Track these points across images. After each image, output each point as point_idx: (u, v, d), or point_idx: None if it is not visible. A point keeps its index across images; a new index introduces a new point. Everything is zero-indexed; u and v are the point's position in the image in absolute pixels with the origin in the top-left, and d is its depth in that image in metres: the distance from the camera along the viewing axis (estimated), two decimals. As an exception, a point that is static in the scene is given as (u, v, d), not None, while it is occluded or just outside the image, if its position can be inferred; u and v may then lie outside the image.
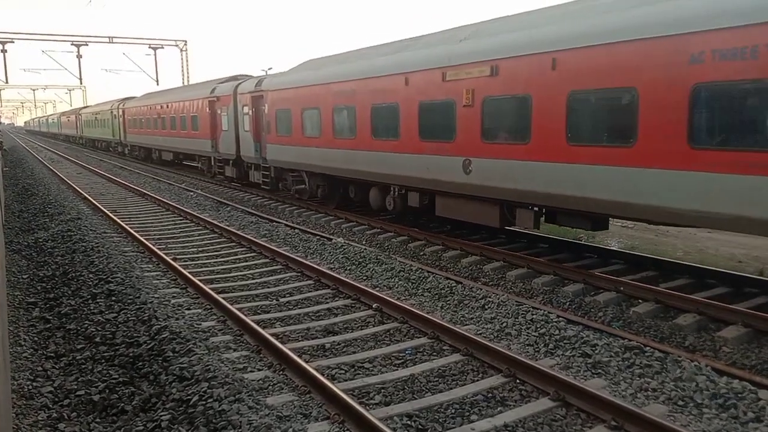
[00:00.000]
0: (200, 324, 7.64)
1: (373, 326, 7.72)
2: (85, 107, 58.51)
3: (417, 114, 12.04)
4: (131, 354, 6.66)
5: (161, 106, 30.36)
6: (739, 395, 5.59)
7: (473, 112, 10.61)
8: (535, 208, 10.41)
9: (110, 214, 15.75)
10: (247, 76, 23.28)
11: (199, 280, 9.37)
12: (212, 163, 24.59)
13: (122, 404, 5.62)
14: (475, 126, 10.62)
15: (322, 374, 5.88)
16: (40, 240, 13.00)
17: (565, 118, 9.06)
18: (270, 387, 5.91)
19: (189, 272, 9.89)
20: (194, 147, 26.00)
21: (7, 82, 44.56)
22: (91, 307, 8.35)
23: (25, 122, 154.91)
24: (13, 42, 40.97)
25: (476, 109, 10.55)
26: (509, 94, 10.00)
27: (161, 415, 5.29)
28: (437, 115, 11.58)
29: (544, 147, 9.46)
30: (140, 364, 6.43)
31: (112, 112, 41.62)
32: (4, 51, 40.33)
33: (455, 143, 11.13)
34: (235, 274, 10.38)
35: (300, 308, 8.49)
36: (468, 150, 10.85)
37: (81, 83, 53.82)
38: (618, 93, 8.38)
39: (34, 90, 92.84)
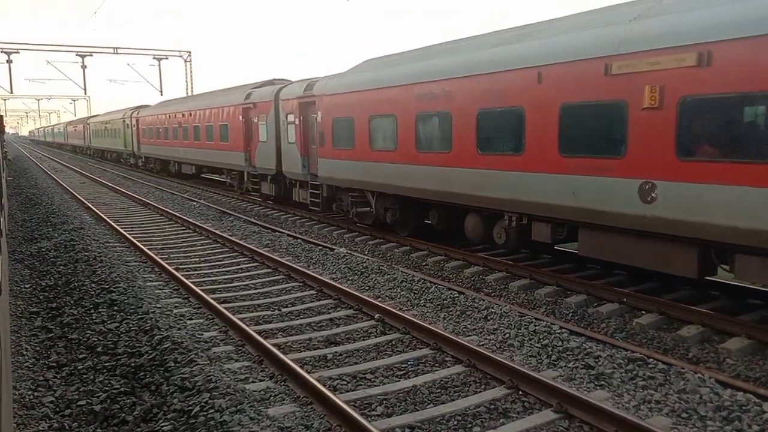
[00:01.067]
0: (202, 334, 7.63)
1: (375, 337, 7.70)
2: (93, 116, 55.49)
3: (557, 120, 9.22)
4: (133, 364, 6.66)
5: (182, 115, 27.54)
6: (744, 408, 5.55)
7: (661, 118, 7.85)
8: None
9: (113, 224, 15.78)
10: (284, 80, 20.58)
11: (201, 290, 9.36)
12: (245, 179, 21.61)
13: (123, 414, 5.61)
14: (664, 137, 7.83)
15: (324, 385, 5.86)
16: (43, 249, 13.03)
17: None
18: (271, 398, 5.89)
19: (191, 282, 9.90)
20: (223, 160, 23.11)
21: (12, 92, 44.77)
22: (93, 317, 8.36)
23: (29, 132, 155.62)
24: (19, 52, 41.24)
25: (667, 113, 7.79)
26: (730, 92, 7.10)
27: (162, 426, 5.27)
28: (593, 121, 8.80)
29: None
30: (142, 374, 6.42)
31: (124, 121, 39.33)
32: (9, 61, 40.59)
33: (626, 160, 8.31)
34: (237, 284, 10.38)
35: (302, 318, 8.48)
36: (650, 170, 8.02)
37: (85, 93, 54.04)
38: None
39: (38, 100, 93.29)
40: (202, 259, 12.37)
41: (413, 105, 12.23)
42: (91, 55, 43.58)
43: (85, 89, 46.47)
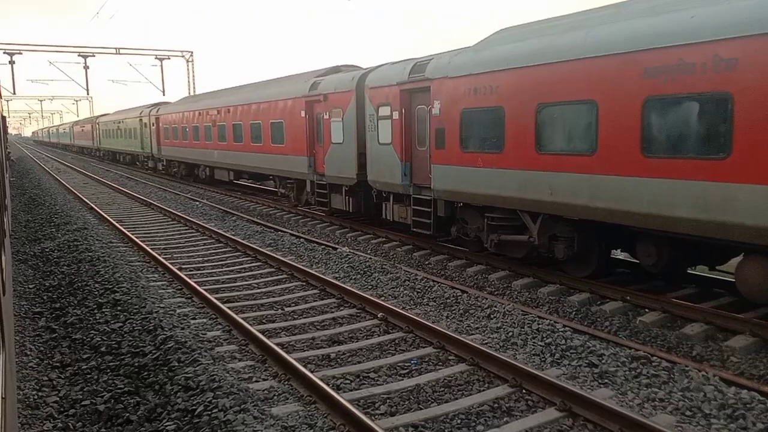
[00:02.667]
0: (205, 334, 7.65)
1: (378, 336, 7.70)
2: (103, 115, 50.69)
3: None
4: (136, 364, 6.67)
5: (217, 112, 23.45)
6: (748, 405, 5.54)
7: None
8: None
9: (116, 224, 15.81)
10: (353, 66, 17.09)
11: (205, 290, 9.38)
12: (308, 189, 17.41)
13: (127, 414, 5.62)
14: None
15: (328, 384, 5.86)
16: (47, 250, 13.06)
17: None
18: (275, 397, 5.90)
19: (194, 282, 9.91)
20: (275, 165, 19.15)
21: (14, 93, 44.85)
22: (97, 317, 8.37)
23: (33, 132, 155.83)
24: (21, 53, 41.30)
25: None
26: None
27: (166, 425, 5.28)
28: None
29: None
30: (145, 373, 6.43)
31: (141, 120, 35.21)
32: (12, 62, 40.65)
33: None
34: (241, 283, 10.39)
35: (305, 318, 8.49)
36: None
37: (88, 94, 54.10)
38: None
39: (41, 101, 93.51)
40: (205, 258, 12.38)
41: (637, 85, 8.03)
42: (94, 56, 43.60)
43: (87, 90, 46.48)
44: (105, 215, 17.47)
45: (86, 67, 43.41)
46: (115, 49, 44.48)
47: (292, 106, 17.55)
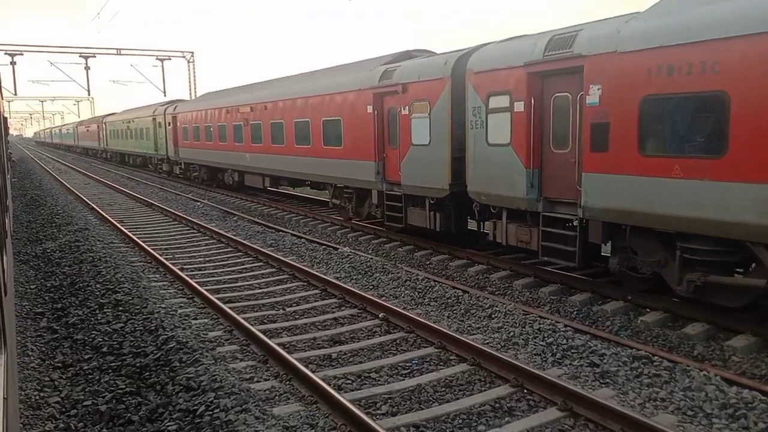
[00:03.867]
0: (207, 334, 7.65)
1: (380, 336, 7.70)
2: (110, 114, 48.24)
3: None
4: (138, 364, 6.67)
5: (251, 109, 20.41)
6: (749, 405, 5.54)
7: None
8: None
9: (117, 225, 15.82)
10: (427, 51, 14.60)
11: (206, 290, 9.38)
12: (374, 201, 14.39)
13: (129, 414, 5.62)
14: None
15: (329, 384, 5.87)
16: (48, 250, 13.07)
17: None
18: (277, 397, 5.90)
19: (196, 282, 9.91)
20: (330, 171, 15.92)
21: (15, 94, 44.90)
22: (99, 317, 8.38)
23: (34, 133, 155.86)
24: (22, 54, 41.35)
25: None
26: None
27: (168, 426, 5.29)
28: None
29: None
30: (147, 374, 6.43)
31: (154, 119, 32.61)
32: (13, 63, 40.70)
33: None
34: (242, 283, 10.40)
35: (306, 318, 8.49)
36: None
37: (89, 94, 54.14)
38: None
39: (42, 101, 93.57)
40: (206, 259, 12.39)
41: None
42: (95, 56, 43.70)
43: (88, 90, 46.55)
44: (106, 216, 17.48)
45: (87, 68, 43.51)
46: (116, 49, 44.54)
47: (354, 100, 14.42)
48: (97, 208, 19.18)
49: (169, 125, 30.02)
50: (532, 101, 9.70)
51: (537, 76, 9.68)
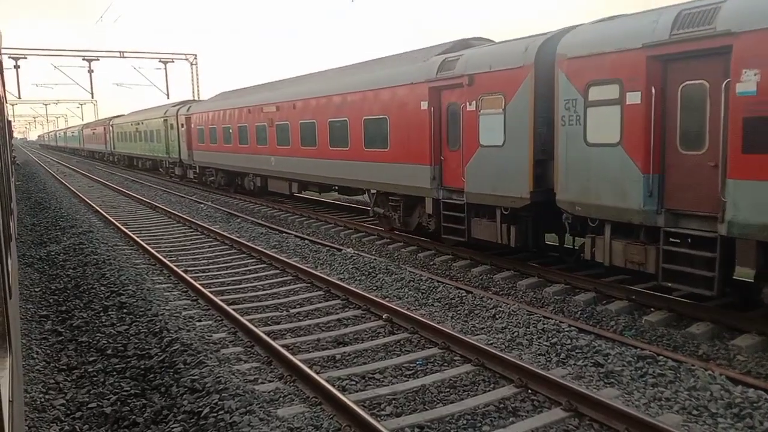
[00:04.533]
0: (211, 336, 7.66)
1: (384, 337, 7.70)
2: (118, 116, 47.08)
3: None
4: (143, 366, 6.69)
5: (276, 108, 18.86)
6: (755, 404, 5.52)
7: None
8: None
9: (121, 227, 15.86)
10: (486, 39, 12.78)
11: (210, 292, 9.40)
12: (427, 210, 12.69)
13: (134, 416, 5.63)
14: None
15: (333, 385, 5.87)
16: (52, 253, 13.11)
17: None
18: (281, 398, 5.91)
19: (200, 284, 9.93)
20: (372, 177, 14.24)
21: (19, 98, 45.04)
22: (103, 320, 8.40)
23: (38, 136, 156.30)
24: (26, 58, 41.47)
25: None
26: None
27: (173, 428, 5.30)
28: None
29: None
30: (152, 376, 6.45)
31: (165, 120, 31.12)
32: (17, 67, 40.83)
33: None
34: (246, 285, 10.41)
35: (310, 319, 8.49)
36: None
37: (92, 97, 54.27)
38: None
39: (46, 105, 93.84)
40: (210, 261, 12.41)
41: None
42: (98, 60, 43.75)
43: (92, 93, 46.62)
44: (110, 218, 17.53)
45: (90, 71, 43.55)
46: (119, 52, 44.61)
47: (404, 96, 12.81)
48: (101, 211, 19.23)
49: (182, 127, 28.51)
50: (653, 91, 7.94)
51: (659, 60, 7.92)
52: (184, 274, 10.52)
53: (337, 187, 17.59)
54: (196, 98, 34.04)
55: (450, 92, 11.73)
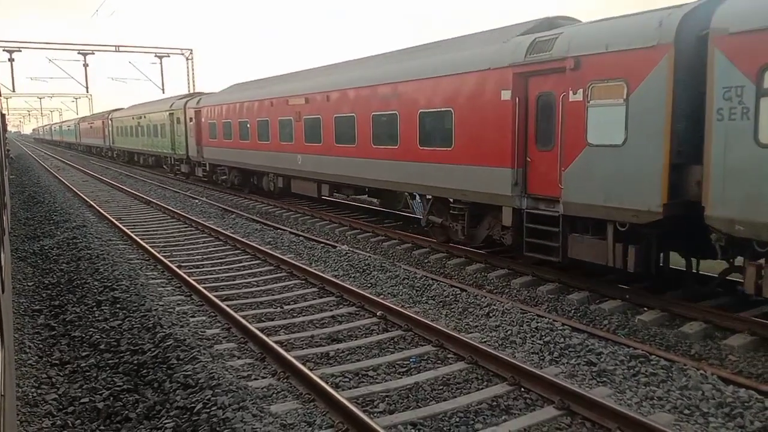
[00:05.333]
0: (205, 331, 7.65)
1: (378, 334, 7.70)
2: (117, 109, 45.43)
3: None
4: (136, 361, 6.67)
5: (305, 101, 16.60)
6: (746, 404, 5.55)
7: None
8: None
9: (115, 222, 15.81)
10: (571, 18, 10.93)
11: (204, 288, 9.38)
12: (505, 222, 10.55)
13: (126, 412, 5.62)
14: None
15: (326, 382, 5.87)
16: (46, 247, 13.06)
17: None
18: (274, 395, 5.90)
19: (194, 280, 9.91)
20: (430, 180, 12.08)
21: (14, 91, 44.79)
22: (96, 315, 8.37)
23: (33, 130, 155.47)
24: (21, 51, 41.22)
25: None
26: None
27: (165, 423, 5.29)
28: None
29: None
30: (144, 371, 6.43)
31: (172, 114, 29.26)
32: (11, 60, 40.59)
33: None
34: (240, 281, 10.39)
35: (304, 316, 8.49)
36: None
37: (87, 91, 54.01)
38: None
39: (40, 98, 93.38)
40: (204, 256, 12.38)
41: None
42: (93, 54, 43.50)
43: (87, 87, 46.40)
44: (104, 213, 17.47)
45: (86, 65, 43.31)
46: (115, 46, 44.40)
47: (476, 84, 10.71)
48: (95, 206, 19.16)
49: (191, 121, 26.37)
50: None
51: None
52: (178, 270, 10.50)
53: (368, 189, 15.81)
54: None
55: (541, 79, 9.68)
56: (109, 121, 44.75)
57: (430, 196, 12.65)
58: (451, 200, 12.00)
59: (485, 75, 10.52)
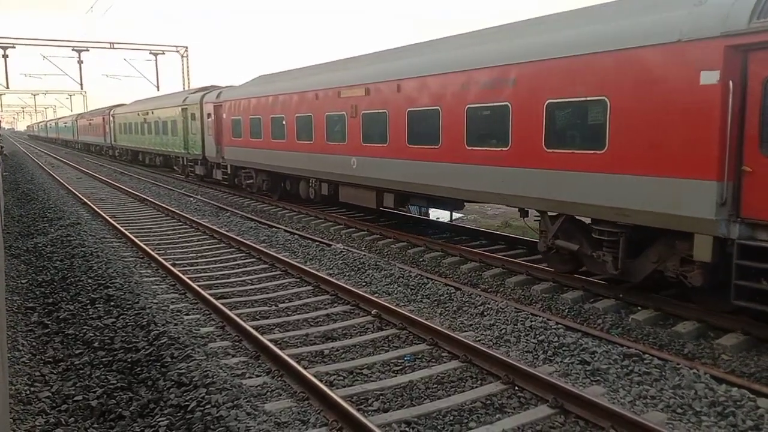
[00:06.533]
0: (199, 329, 7.64)
1: (372, 332, 7.71)
2: (119, 105, 42.99)
3: None
4: (129, 359, 6.66)
5: (366, 92, 13.77)
6: (738, 403, 5.58)
7: None
8: None
9: (109, 219, 15.76)
10: None
11: (198, 286, 9.36)
12: (702, 257, 7.39)
13: (120, 410, 5.61)
14: None
15: (321, 380, 5.87)
16: (40, 245, 13.00)
17: None
18: (268, 393, 5.90)
19: (188, 278, 9.89)
20: (563, 191, 9.15)
21: (8, 87, 44.59)
22: (90, 313, 8.35)
23: (27, 126, 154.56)
24: (15, 47, 41.04)
25: None
26: None
27: (159, 421, 5.28)
28: None
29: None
30: (138, 369, 6.42)
31: (185, 110, 26.42)
32: (5, 56, 40.41)
33: None
34: (234, 279, 10.37)
35: (299, 314, 8.49)
36: None
37: (82, 88, 53.78)
38: None
39: (34, 95, 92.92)
40: (198, 254, 12.36)
41: None
42: (88, 50, 43.37)
43: (81, 84, 46.23)
44: (98, 210, 17.41)
45: (80, 62, 43.18)
46: (110, 43, 44.27)
47: (651, 63, 7.83)
48: (89, 203, 19.09)
49: (208, 117, 23.71)
50: None
51: None
52: (172, 268, 10.48)
53: (440, 198, 12.74)
54: (207, 86, 27.87)
55: None
56: (111, 118, 42.14)
57: (553, 213, 9.78)
58: (590, 220, 9.18)
59: (671, 50, 7.59)
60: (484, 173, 10.64)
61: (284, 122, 17.68)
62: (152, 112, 31.58)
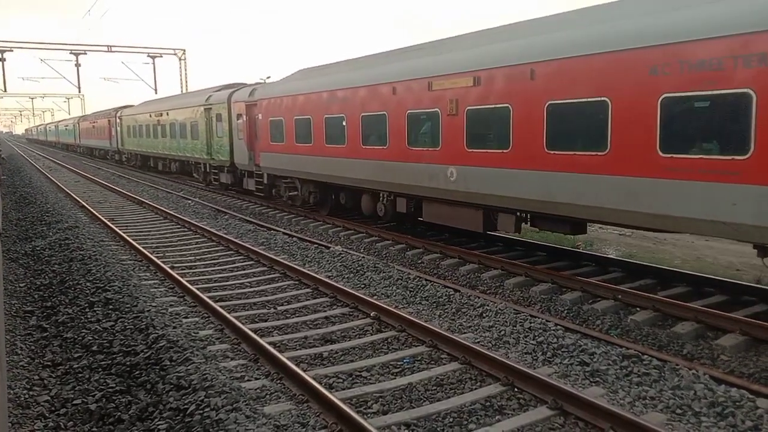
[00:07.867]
0: (198, 332, 7.63)
1: (371, 335, 7.70)
2: (127, 106, 39.74)
3: None
4: (128, 363, 6.64)
5: (474, 81, 10.53)
6: (737, 403, 5.58)
7: None
8: None
9: (108, 223, 15.74)
10: None
11: (197, 289, 9.35)
12: None
13: (119, 413, 5.60)
14: None
15: (320, 383, 5.86)
16: (38, 248, 12.98)
17: None
18: (267, 396, 5.89)
19: (186, 281, 9.88)
20: None
21: (5, 91, 44.55)
22: (88, 316, 8.33)
23: (26, 130, 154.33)
24: (12, 51, 41.03)
25: None
26: None
27: (158, 425, 5.27)
28: None
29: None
30: (137, 372, 6.41)
31: (209, 110, 23.50)
32: (2, 60, 40.39)
33: None
34: (233, 282, 10.37)
35: (298, 317, 8.48)
36: None
37: (79, 91, 53.70)
38: None
39: (32, 98, 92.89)
40: (197, 257, 12.35)
41: None
42: (85, 54, 43.35)
43: (79, 87, 46.20)
44: (97, 214, 17.39)
45: (78, 65, 43.15)
46: (107, 47, 44.28)
47: None
48: (87, 206, 19.06)
49: (239, 119, 20.71)
50: None
51: None
52: (170, 271, 10.47)
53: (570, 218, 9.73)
54: (235, 83, 23.87)
55: None
56: (117, 120, 38.75)
57: None
58: None
59: None
60: (672, 189, 7.65)
61: (344, 123, 14.53)
62: (167, 114, 28.60)
